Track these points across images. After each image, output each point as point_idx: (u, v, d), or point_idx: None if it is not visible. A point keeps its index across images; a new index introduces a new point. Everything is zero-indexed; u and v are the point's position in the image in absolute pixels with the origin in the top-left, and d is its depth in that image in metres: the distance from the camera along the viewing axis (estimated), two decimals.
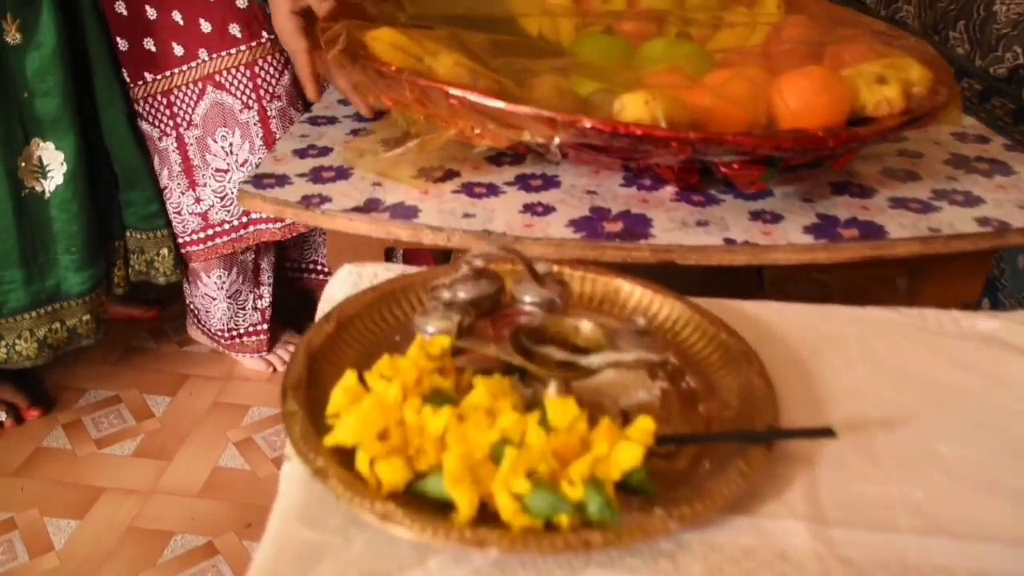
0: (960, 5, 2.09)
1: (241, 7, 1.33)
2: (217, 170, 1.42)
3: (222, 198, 1.44)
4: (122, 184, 1.42)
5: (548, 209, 0.79)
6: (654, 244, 0.73)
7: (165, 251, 1.49)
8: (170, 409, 1.51)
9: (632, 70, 0.90)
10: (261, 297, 1.58)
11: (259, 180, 0.85)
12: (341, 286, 0.72)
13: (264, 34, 1.35)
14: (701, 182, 0.83)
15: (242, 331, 1.59)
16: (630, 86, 0.82)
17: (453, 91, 0.73)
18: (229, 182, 1.42)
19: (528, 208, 0.80)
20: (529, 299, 0.62)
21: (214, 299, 1.55)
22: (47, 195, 1.29)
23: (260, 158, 1.39)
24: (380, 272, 0.73)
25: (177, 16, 1.33)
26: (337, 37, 0.84)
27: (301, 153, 0.92)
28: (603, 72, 0.86)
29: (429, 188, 0.83)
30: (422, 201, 0.81)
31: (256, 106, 1.38)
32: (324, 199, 0.81)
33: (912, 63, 0.87)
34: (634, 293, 0.67)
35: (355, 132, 0.98)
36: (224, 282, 1.52)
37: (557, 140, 0.71)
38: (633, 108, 0.72)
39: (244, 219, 1.46)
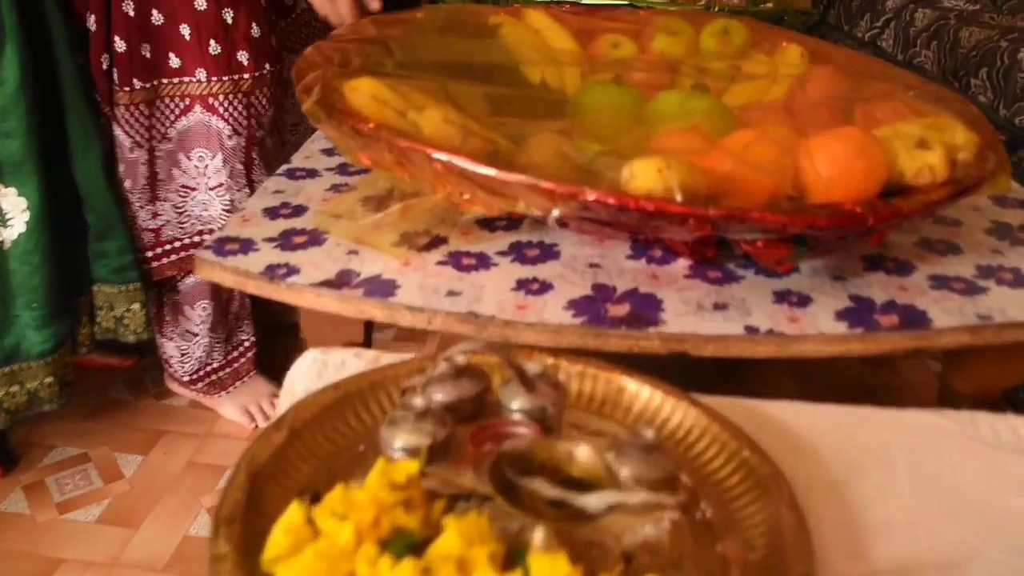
0: (982, 52, 2.01)
1: (255, 36, 1.30)
2: (183, 186, 1.35)
3: (180, 214, 1.36)
4: (94, 234, 1.32)
5: (545, 286, 0.70)
6: (665, 333, 0.64)
7: (136, 306, 1.39)
8: (141, 470, 1.41)
9: (643, 127, 0.81)
10: (241, 328, 1.51)
11: (221, 246, 0.75)
12: (302, 377, 0.63)
13: (267, 65, 1.33)
14: (718, 254, 0.74)
15: (219, 365, 1.50)
16: (640, 147, 0.73)
17: (437, 155, 0.63)
18: (192, 200, 1.36)
19: (522, 285, 0.70)
20: (517, 406, 0.52)
21: (196, 335, 1.45)
22: (7, 245, 1.20)
23: (234, 182, 1.35)
24: (349, 360, 0.64)
25: (185, 30, 1.28)
26: (312, 87, 0.75)
27: (272, 213, 0.83)
28: (610, 129, 0.77)
29: (411, 258, 0.74)
30: (402, 274, 0.71)
31: (245, 133, 1.33)
32: (291, 270, 0.72)
33: (955, 124, 0.78)
34: (640, 394, 0.57)
35: (336, 188, 0.89)
36: (208, 313, 1.44)
37: (556, 213, 0.62)
38: (644, 177, 0.63)
39: (197, 238, 1.38)
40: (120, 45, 1.26)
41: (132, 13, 1.25)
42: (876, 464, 0.56)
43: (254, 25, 1.32)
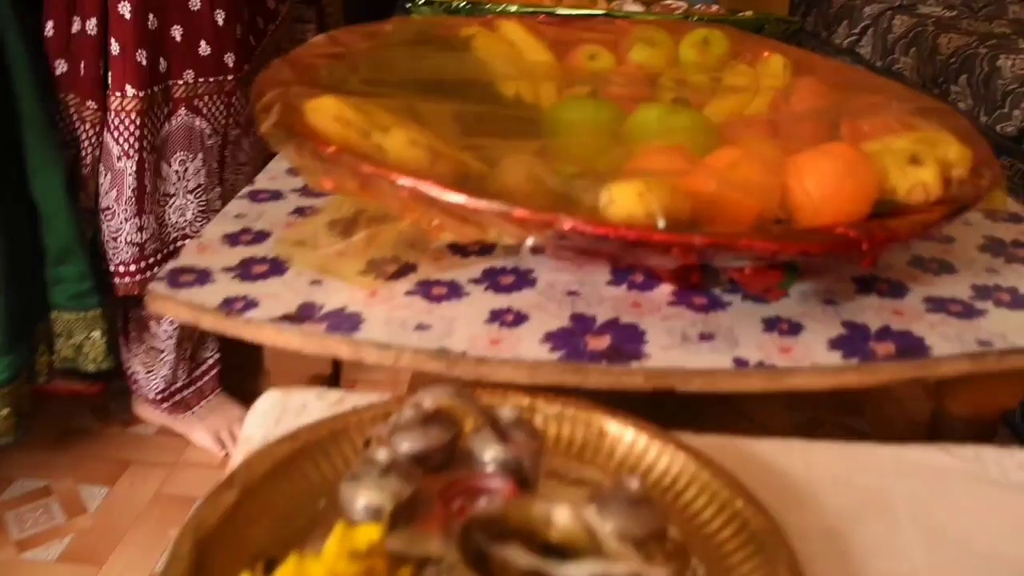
0: (961, 58, 1.99)
1: (239, 36, 1.33)
2: (164, 194, 1.33)
3: (160, 225, 1.33)
4: (51, 258, 1.27)
5: (520, 318, 0.66)
6: (649, 368, 0.60)
7: (97, 334, 1.33)
8: (106, 502, 1.35)
9: (622, 145, 0.77)
10: (205, 345, 1.48)
11: (175, 277, 0.71)
12: (261, 421, 0.58)
13: (246, 66, 1.36)
14: (703, 280, 0.70)
15: (183, 384, 1.46)
16: (619, 167, 0.69)
17: (402, 181, 0.59)
18: (171, 207, 1.34)
19: (496, 316, 0.66)
20: (491, 457, 0.48)
21: (161, 351, 1.41)
22: None
23: (209, 182, 1.36)
24: (311, 402, 0.60)
25: (177, 31, 1.27)
26: (271, 107, 0.71)
27: (232, 239, 0.78)
28: (587, 148, 0.73)
29: (378, 288, 0.70)
30: (368, 306, 0.67)
31: (223, 131, 1.35)
32: (250, 303, 0.67)
33: (948, 139, 0.74)
34: (623, 437, 0.53)
35: (300, 211, 0.84)
36: (175, 328, 1.40)
37: (530, 242, 0.57)
38: (624, 201, 0.59)
39: (173, 247, 1.35)
40: (115, 48, 1.22)
41: (128, 16, 1.22)
42: (877, 511, 0.52)
43: (238, 26, 1.34)
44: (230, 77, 1.34)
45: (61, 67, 1.24)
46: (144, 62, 1.23)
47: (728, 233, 0.57)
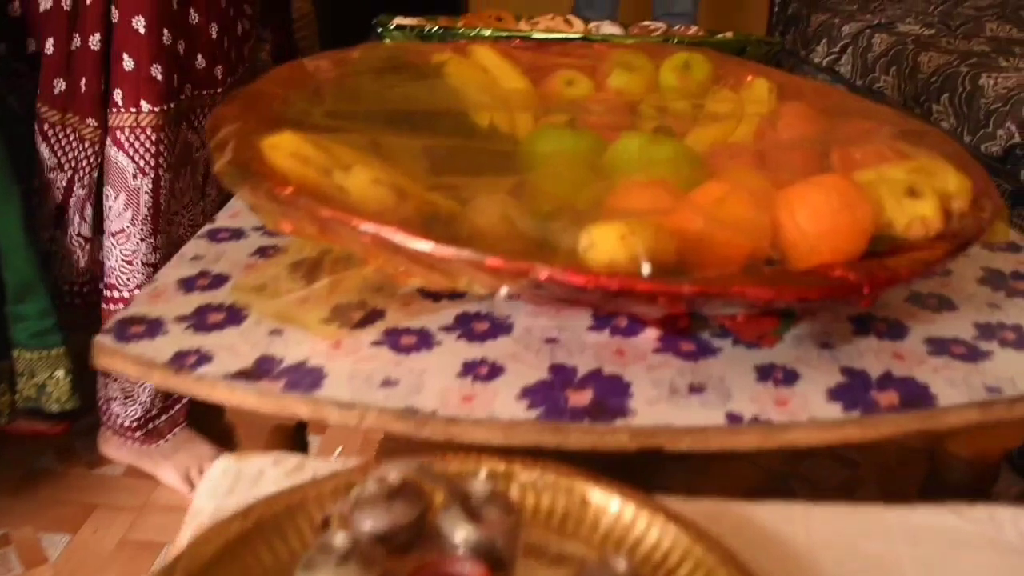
0: (942, 77, 1.96)
1: (226, 48, 1.35)
2: (174, 212, 1.32)
3: (169, 243, 1.32)
4: (11, 296, 1.21)
5: (495, 370, 0.61)
6: (635, 426, 0.55)
7: (60, 373, 1.28)
8: (68, 551, 1.29)
9: (602, 178, 0.72)
10: None
11: (123, 328, 0.65)
12: (212, 491, 0.53)
13: (229, 79, 1.37)
14: (691, 323, 0.65)
15: (158, 411, 1.42)
16: (599, 204, 0.65)
17: (364, 226, 0.54)
18: (173, 224, 1.33)
19: (469, 369, 0.61)
20: (462, 538, 0.43)
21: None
22: None
23: (195, 197, 1.36)
24: (268, 469, 0.55)
25: (180, 46, 1.26)
26: (226, 144, 0.66)
27: (188, 284, 0.73)
28: (565, 184, 0.68)
29: (342, 337, 0.65)
30: (331, 359, 0.62)
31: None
32: (203, 358, 0.62)
33: (946, 168, 0.70)
34: (608, 507, 0.48)
35: (262, 252, 0.79)
36: None
37: (504, 291, 0.53)
38: (605, 245, 0.54)
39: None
40: (128, 63, 1.20)
41: (143, 31, 1.20)
42: None
43: (226, 39, 1.35)
44: (219, 90, 1.35)
45: (59, 86, 1.21)
46: (160, 77, 1.21)
47: (719, 279, 0.53)
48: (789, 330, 0.62)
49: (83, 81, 1.20)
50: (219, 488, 0.54)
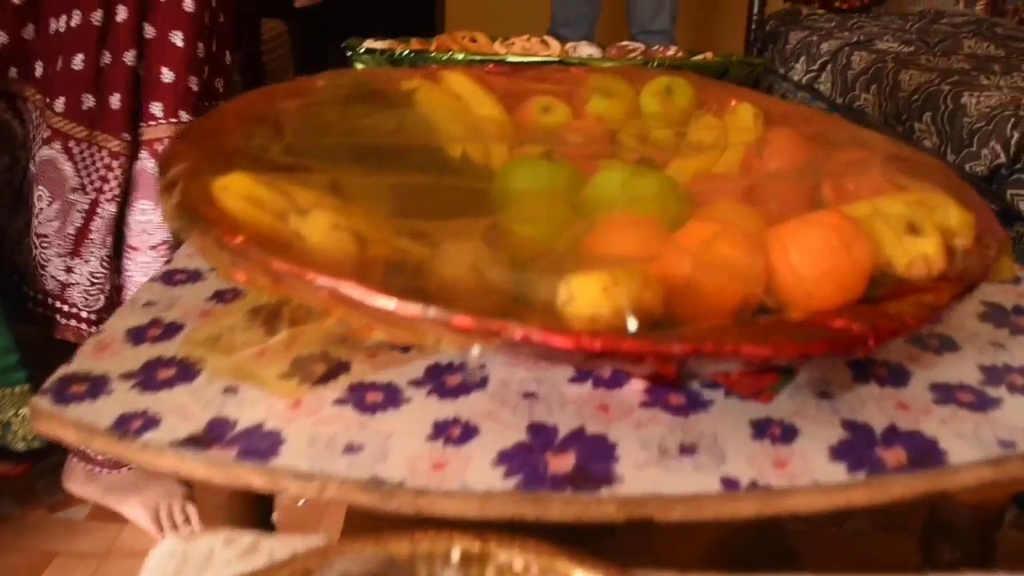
0: (924, 95, 1.94)
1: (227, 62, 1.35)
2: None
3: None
4: None
5: (469, 431, 0.56)
6: (623, 496, 0.50)
7: (26, 411, 1.22)
8: None
9: (581, 215, 0.67)
10: None
11: (63, 388, 0.60)
12: None
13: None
14: (680, 374, 0.61)
15: None
16: (579, 247, 0.60)
17: (320, 281, 0.49)
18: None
19: (440, 430, 0.56)
20: None
21: None
22: None
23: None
24: (218, 550, 0.49)
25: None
26: (175, 185, 0.61)
27: (137, 335, 0.68)
28: (543, 223, 0.64)
29: (303, 395, 0.60)
30: (290, 421, 0.57)
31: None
32: (150, 421, 0.57)
33: (947, 202, 0.66)
34: None
35: (220, 297, 0.74)
36: None
37: (476, 352, 0.48)
38: (586, 298, 0.49)
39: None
40: (167, 76, 1.22)
41: (181, 44, 1.22)
42: None
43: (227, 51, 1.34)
44: (219, 101, 1.32)
45: (88, 102, 1.20)
46: (196, 89, 1.23)
47: (712, 335, 0.48)
48: (788, 385, 0.57)
49: (116, 97, 1.20)
50: (164, 574, 0.48)
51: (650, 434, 0.56)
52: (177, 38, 1.20)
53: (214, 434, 0.55)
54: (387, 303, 0.47)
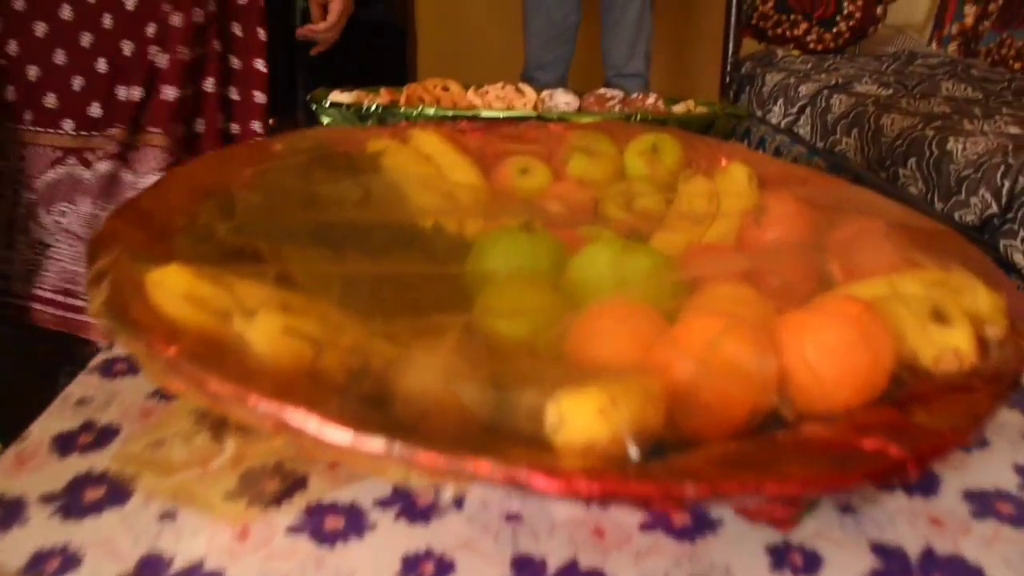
0: (908, 140, 1.89)
1: None
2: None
3: None
4: None
5: (443, 567, 0.48)
6: None
7: None
8: None
9: (566, 300, 0.60)
10: None
11: None
12: None
13: None
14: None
15: None
16: (566, 346, 0.53)
17: (263, 407, 0.42)
18: None
19: (410, 567, 0.48)
20: None
21: None
22: None
23: None
24: None
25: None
26: (104, 276, 0.53)
27: (65, 443, 0.59)
28: (524, 317, 0.56)
29: (252, 520, 0.52)
30: (235, 557, 0.49)
31: None
32: (70, 560, 0.48)
33: (973, 283, 0.59)
34: None
35: (162, 394, 0.66)
36: None
37: (448, 494, 0.40)
38: (579, 423, 0.42)
39: None
40: (260, 98, 1.30)
41: (263, 69, 1.30)
42: None
43: None
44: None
45: (199, 126, 1.26)
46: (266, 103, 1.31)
47: (728, 464, 0.41)
48: (812, 514, 0.50)
49: (203, 121, 1.25)
50: None
51: (653, 567, 0.48)
52: (260, 65, 1.29)
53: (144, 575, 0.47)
54: (341, 436, 0.40)
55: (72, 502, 0.53)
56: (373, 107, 1.18)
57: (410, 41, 3.44)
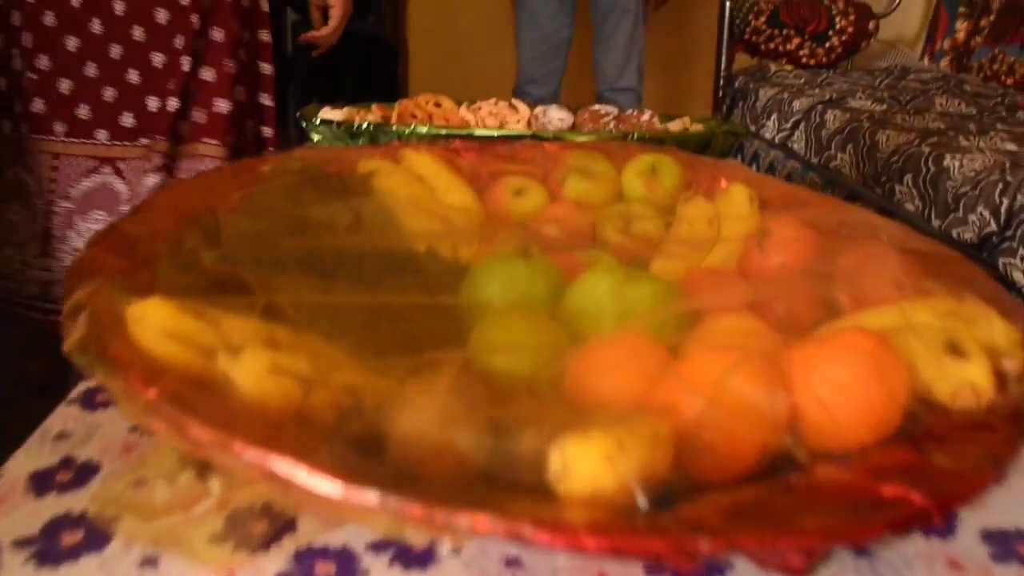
0: (903, 157, 1.88)
1: None
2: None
3: None
4: None
5: None
6: None
7: None
8: None
9: (565, 330, 0.58)
10: None
11: None
12: None
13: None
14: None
15: None
16: (567, 383, 0.51)
17: (247, 455, 0.39)
18: None
19: None
20: None
21: None
22: None
23: None
24: None
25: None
26: (80, 310, 0.51)
27: (42, 481, 0.57)
28: (522, 352, 0.54)
29: (237, 566, 0.49)
30: None
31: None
32: None
33: (988, 313, 0.57)
34: None
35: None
36: None
37: (447, 548, 0.38)
38: (584, 470, 0.40)
39: None
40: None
41: None
42: None
43: None
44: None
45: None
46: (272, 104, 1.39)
47: (742, 515, 0.38)
48: (825, 562, 0.48)
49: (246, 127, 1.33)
50: None
51: None
52: (267, 69, 1.36)
53: None
54: (330, 487, 0.37)
55: (48, 548, 0.51)
56: (364, 125, 1.16)
57: (402, 56, 3.43)
